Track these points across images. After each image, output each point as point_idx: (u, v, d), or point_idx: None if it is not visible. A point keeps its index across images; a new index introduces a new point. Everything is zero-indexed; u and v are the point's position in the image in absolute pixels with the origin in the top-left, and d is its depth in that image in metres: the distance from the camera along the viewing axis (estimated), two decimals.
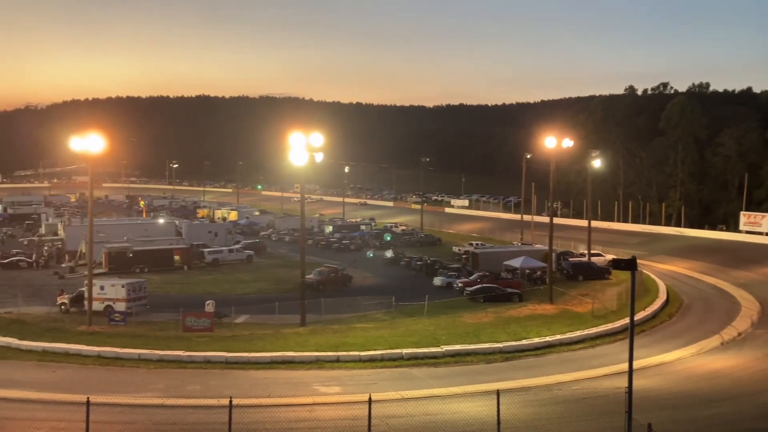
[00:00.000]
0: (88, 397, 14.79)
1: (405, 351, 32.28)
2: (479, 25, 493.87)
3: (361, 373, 30.03)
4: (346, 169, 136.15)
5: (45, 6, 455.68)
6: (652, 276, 54.36)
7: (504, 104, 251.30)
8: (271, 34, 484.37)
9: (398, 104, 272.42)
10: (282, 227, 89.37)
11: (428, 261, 60.14)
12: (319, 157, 41.03)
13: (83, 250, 60.95)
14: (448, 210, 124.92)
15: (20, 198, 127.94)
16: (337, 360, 31.42)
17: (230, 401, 14.73)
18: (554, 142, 49.77)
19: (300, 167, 40.69)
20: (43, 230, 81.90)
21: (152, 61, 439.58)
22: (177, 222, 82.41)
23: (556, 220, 57.34)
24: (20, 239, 78.85)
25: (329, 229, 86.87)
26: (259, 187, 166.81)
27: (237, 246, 68.95)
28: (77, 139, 41.57)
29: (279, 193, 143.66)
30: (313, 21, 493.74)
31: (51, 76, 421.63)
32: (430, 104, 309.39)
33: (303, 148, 39.93)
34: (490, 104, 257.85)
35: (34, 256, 63.70)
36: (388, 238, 79.41)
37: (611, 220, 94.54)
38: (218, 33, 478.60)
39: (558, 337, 35.61)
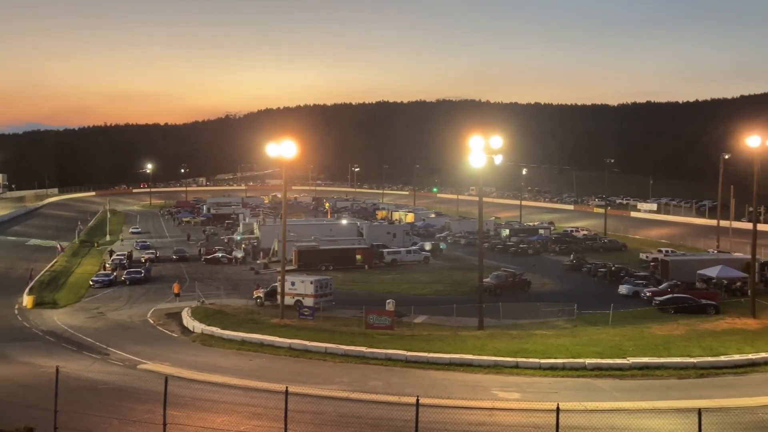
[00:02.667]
0: (287, 387, 15.87)
1: (588, 361, 31.04)
2: (669, 16, 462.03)
3: (541, 380, 29.34)
4: (524, 171, 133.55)
5: (240, 26, 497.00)
6: None
7: (697, 101, 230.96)
8: (447, 38, 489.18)
9: (579, 103, 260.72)
10: (457, 229, 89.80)
11: (612, 268, 57.42)
12: (498, 160, 40.72)
13: (276, 248, 65.61)
14: (633, 214, 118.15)
15: (221, 199, 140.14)
16: (516, 366, 30.94)
17: (417, 400, 15.11)
18: (758, 140, 45.24)
19: (477, 170, 40.64)
20: (240, 229, 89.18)
21: (337, 70, 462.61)
22: (358, 223, 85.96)
23: (760, 227, 52.14)
24: (221, 237, 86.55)
25: (506, 232, 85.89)
26: (435, 189, 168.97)
27: (414, 247, 70.48)
28: (272, 145, 44.91)
29: (454, 196, 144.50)
30: (489, 22, 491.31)
31: (247, 87, 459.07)
32: (614, 102, 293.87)
33: (481, 150, 39.87)
34: (681, 101, 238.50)
35: (233, 253, 69.69)
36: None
37: None
38: (397, 39, 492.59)
39: (763, 355, 32.25)
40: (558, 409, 15.55)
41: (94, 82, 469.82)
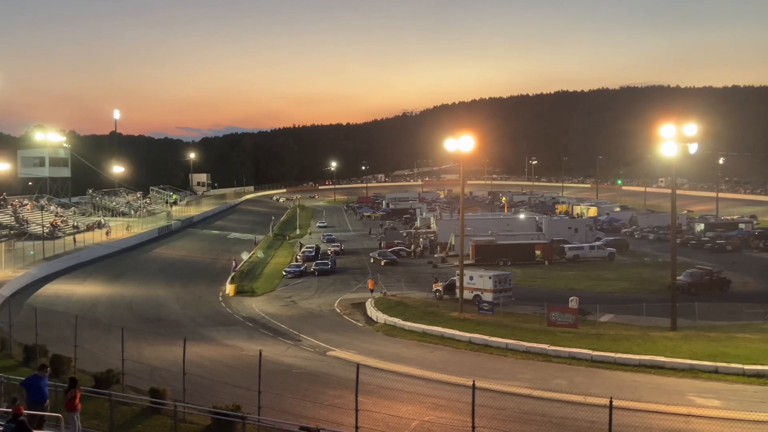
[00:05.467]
0: (473, 381, 15.98)
1: None
2: None
3: (745, 388, 26.80)
4: (721, 161, 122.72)
5: (413, 25, 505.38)
6: None
7: None
8: (629, 21, 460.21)
9: None
10: (645, 224, 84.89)
11: None
12: (693, 149, 37.85)
13: (453, 242, 66.18)
14: None
15: (400, 195, 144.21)
16: (715, 371, 28.57)
17: (610, 402, 14.55)
18: None
19: (669, 160, 38.10)
20: (418, 223, 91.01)
21: (511, 63, 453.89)
22: (537, 217, 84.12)
23: None
24: (400, 231, 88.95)
25: (700, 227, 79.68)
26: (619, 182, 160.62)
27: (598, 243, 67.61)
28: (450, 140, 45.32)
29: (641, 188, 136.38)
30: (674, 1, 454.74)
31: (423, 85, 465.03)
32: None
33: (673, 139, 37.29)
34: None
35: (412, 247, 71.32)
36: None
37: None
38: (575, 25, 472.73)
39: None
40: None
41: (283, 88, 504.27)
